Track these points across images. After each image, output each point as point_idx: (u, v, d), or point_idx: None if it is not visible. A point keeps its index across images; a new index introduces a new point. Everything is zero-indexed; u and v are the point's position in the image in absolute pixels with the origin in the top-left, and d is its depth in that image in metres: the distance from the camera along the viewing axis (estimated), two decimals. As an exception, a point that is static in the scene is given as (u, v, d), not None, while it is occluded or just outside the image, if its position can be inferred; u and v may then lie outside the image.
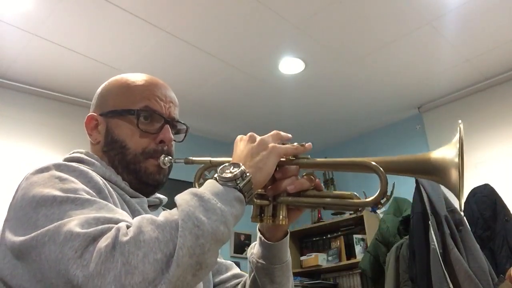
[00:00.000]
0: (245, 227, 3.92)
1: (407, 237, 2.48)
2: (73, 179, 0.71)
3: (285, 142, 0.81)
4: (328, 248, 3.96)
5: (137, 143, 0.89)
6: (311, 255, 3.90)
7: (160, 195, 0.98)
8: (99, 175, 0.82)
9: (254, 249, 0.92)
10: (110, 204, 0.69)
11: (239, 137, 0.82)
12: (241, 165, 0.71)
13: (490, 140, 3.38)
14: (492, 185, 2.56)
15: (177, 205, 0.63)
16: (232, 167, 0.71)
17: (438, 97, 3.71)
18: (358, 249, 3.64)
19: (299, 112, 3.91)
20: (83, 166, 0.79)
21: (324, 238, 4.02)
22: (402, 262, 2.44)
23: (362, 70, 3.29)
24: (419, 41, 2.94)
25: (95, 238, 0.57)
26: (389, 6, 2.62)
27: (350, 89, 3.56)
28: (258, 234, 0.90)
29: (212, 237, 0.60)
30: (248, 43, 2.95)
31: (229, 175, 0.69)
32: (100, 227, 0.59)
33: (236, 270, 1.02)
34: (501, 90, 3.44)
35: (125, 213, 0.68)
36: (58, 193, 0.66)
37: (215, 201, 0.64)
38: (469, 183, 2.53)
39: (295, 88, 3.50)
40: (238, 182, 0.69)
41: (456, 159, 0.67)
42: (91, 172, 0.77)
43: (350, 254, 3.74)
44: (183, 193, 0.67)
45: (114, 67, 3.05)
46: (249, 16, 2.67)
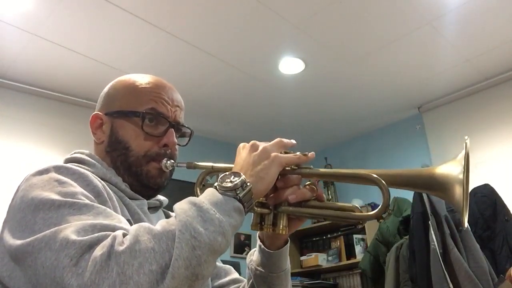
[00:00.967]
0: (245, 227, 3.89)
1: (407, 237, 2.48)
2: (72, 182, 0.71)
3: (288, 150, 0.80)
4: (328, 248, 3.96)
5: (140, 146, 0.89)
6: (311, 255, 3.90)
7: (160, 197, 0.98)
8: (100, 177, 0.82)
9: (253, 256, 0.92)
10: (109, 209, 0.69)
11: (242, 144, 0.80)
12: (241, 174, 0.71)
13: (490, 140, 3.38)
14: (492, 185, 2.56)
15: (175, 214, 0.63)
16: (232, 176, 0.70)
17: (438, 97, 3.71)
18: (358, 249, 3.64)
19: (299, 112, 3.91)
20: (83, 168, 0.79)
21: (324, 238, 4.03)
22: (402, 262, 2.44)
23: (362, 70, 3.29)
24: (419, 41, 2.94)
25: (91, 246, 0.57)
26: (389, 6, 2.62)
27: (350, 89, 3.56)
28: (258, 242, 0.90)
29: (209, 248, 0.60)
30: (248, 43, 2.95)
31: (229, 185, 0.69)
32: (96, 235, 0.59)
33: (235, 275, 1.02)
34: (501, 90, 3.43)
35: (123, 218, 0.68)
36: (56, 196, 0.66)
37: (214, 211, 0.64)
38: (469, 183, 2.53)
39: (295, 88, 3.50)
40: (238, 192, 0.68)
41: (460, 176, 0.66)
42: (91, 175, 0.76)
43: (350, 254, 3.74)
44: (182, 202, 0.66)
45: (114, 67, 3.05)
46: (249, 16, 2.67)
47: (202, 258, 0.59)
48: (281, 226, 0.80)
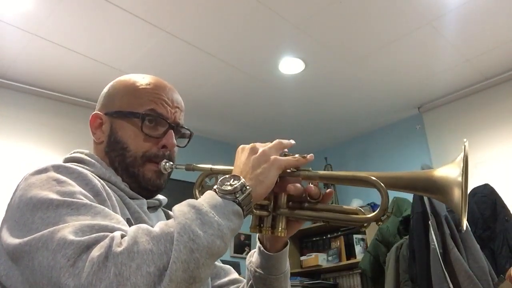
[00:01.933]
0: (245, 227, 3.90)
1: (407, 237, 2.48)
2: (70, 182, 0.71)
3: (287, 153, 0.79)
4: (328, 248, 3.96)
5: (139, 146, 0.88)
6: (311, 255, 3.90)
7: (160, 196, 0.98)
8: (99, 176, 0.82)
9: (253, 257, 0.92)
10: (107, 208, 0.69)
11: (241, 147, 0.80)
12: (241, 178, 0.71)
13: (490, 140, 3.38)
14: (492, 185, 2.56)
15: (174, 216, 0.63)
16: (232, 180, 0.70)
17: (438, 97, 3.71)
18: (358, 249, 3.64)
19: (299, 112, 3.91)
20: (82, 168, 0.79)
21: (324, 238, 4.03)
22: (402, 262, 2.44)
23: (362, 70, 3.29)
24: (419, 41, 2.94)
25: (89, 246, 0.57)
26: (389, 6, 2.62)
27: (350, 89, 3.56)
28: (258, 243, 0.90)
29: (207, 251, 0.60)
30: (248, 43, 2.95)
31: (228, 188, 0.69)
32: (94, 235, 0.58)
33: (234, 275, 1.02)
34: (501, 90, 3.43)
35: (121, 218, 0.68)
36: (55, 196, 0.66)
37: (213, 214, 0.64)
38: (469, 183, 2.53)
39: (295, 88, 3.50)
40: (237, 196, 0.68)
41: (459, 178, 0.66)
42: (90, 174, 0.76)
43: (350, 254, 3.74)
44: (181, 204, 0.66)
45: (114, 67, 3.05)
46: (249, 16, 2.67)
47: (200, 261, 0.59)
48: (280, 228, 0.80)
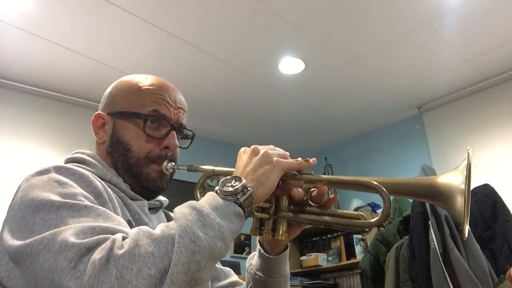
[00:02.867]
0: (245, 228, 3.90)
1: (407, 237, 2.48)
2: (72, 183, 0.71)
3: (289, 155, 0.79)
4: (328, 248, 3.96)
5: (141, 147, 0.88)
6: (311, 255, 3.90)
7: (161, 198, 0.98)
8: (100, 177, 0.82)
9: (253, 260, 0.92)
10: (108, 210, 0.69)
11: (243, 149, 0.80)
12: (242, 179, 0.71)
13: (490, 140, 3.38)
14: (492, 185, 2.56)
15: (175, 218, 0.62)
16: (233, 181, 0.70)
17: (438, 97, 3.71)
18: (358, 249, 3.64)
19: (299, 112, 3.91)
20: (84, 169, 0.79)
21: (324, 238, 4.02)
22: (402, 262, 2.44)
23: (362, 70, 3.29)
24: (419, 41, 2.94)
25: (90, 248, 0.57)
26: (389, 6, 2.62)
27: (350, 89, 3.56)
28: (258, 246, 0.90)
29: (208, 253, 0.60)
30: (248, 43, 2.94)
31: (230, 189, 0.69)
32: (95, 238, 0.58)
33: (234, 277, 1.02)
34: (501, 90, 3.43)
35: (122, 220, 0.68)
36: (56, 198, 0.66)
37: (214, 216, 0.63)
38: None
39: (295, 88, 3.50)
40: (238, 197, 0.68)
41: (462, 186, 0.66)
42: (91, 175, 0.76)
43: (350, 254, 3.74)
44: (183, 205, 0.66)
45: (114, 67, 3.05)
46: (249, 16, 2.67)
47: (201, 263, 0.59)
48: (280, 232, 0.79)
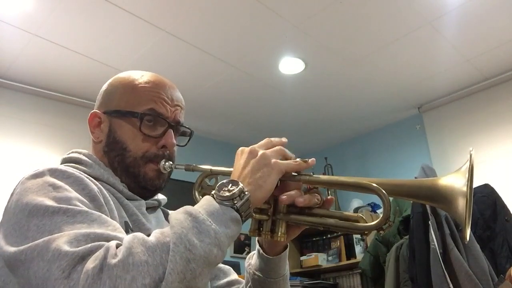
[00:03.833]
0: (245, 228, 3.91)
1: (407, 237, 2.48)
2: (66, 187, 0.70)
3: (287, 157, 0.77)
4: (328, 248, 3.95)
5: (138, 147, 0.87)
6: (311, 255, 3.90)
7: (160, 196, 0.97)
8: (96, 178, 0.81)
9: (252, 259, 0.91)
10: (104, 214, 0.68)
11: (240, 150, 0.78)
12: (239, 183, 0.69)
13: (490, 140, 3.38)
14: (492, 185, 2.56)
15: (170, 225, 0.61)
16: (230, 185, 0.69)
17: (438, 97, 3.71)
18: (358, 249, 3.64)
19: (299, 112, 3.91)
20: (80, 169, 0.78)
21: (324, 238, 4.02)
22: (402, 262, 2.44)
23: (362, 70, 3.29)
24: (419, 41, 2.94)
25: (84, 257, 0.56)
26: (389, 6, 2.62)
27: (350, 89, 3.56)
28: (257, 246, 0.89)
29: (204, 260, 0.59)
30: (248, 43, 2.94)
31: (226, 194, 0.67)
32: (89, 245, 0.58)
33: (233, 276, 1.01)
34: (501, 90, 3.43)
35: (118, 225, 0.67)
36: (50, 202, 0.65)
37: (210, 222, 0.62)
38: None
39: (295, 88, 3.50)
40: (235, 202, 0.67)
41: (464, 189, 0.65)
42: (86, 178, 0.75)
43: (350, 254, 3.74)
44: (178, 211, 0.65)
45: (114, 67, 3.04)
46: (249, 16, 2.67)
47: (197, 271, 0.58)
48: (279, 233, 0.78)
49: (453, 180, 0.68)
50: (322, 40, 2.93)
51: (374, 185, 0.71)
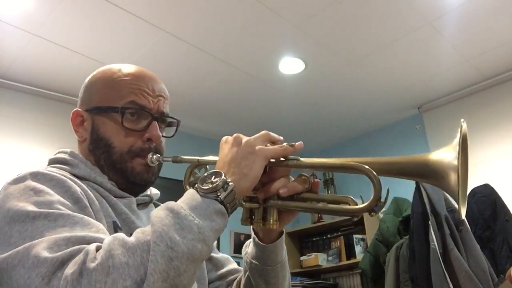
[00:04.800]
0: (245, 227, 3.91)
1: (407, 237, 2.48)
2: (48, 190, 0.69)
3: (274, 142, 0.75)
4: (328, 248, 3.95)
5: (123, 142, 0.85)
6: (311, 255, 3.90)
7: (152, 190, 0.95)
8: (83, 177, 0.80)
9: (248, 248, 0.89)
10: (87, 216, 0.67)
11: (224, 138, 0.76)
12: (222, 174, 0.67)
13: (490, 140, 3.38)
14: (492, 185, 2.56)
15: (151, 223, 0.60)
16: (213, 177, 0.67)
17: (438, 97, 3.71)
18: (358, 249, 3.64)
19: (299, 112, 3.91)
20: (62, 173, 0.76)
21: (324, 238, 4.02)
22: (402, 262, 2.44)
23: (362, 70, 3.29)
24: (419, 41, 2.94)
25: (63, 262, 0.56)
26: (389, 6, 2.62)
27: (350, 89, 3.56)
28: (252, 234, 0.87)
29: (188, 257, 0.58)
30: (248, 43, 2.94)
31: (209, 186, 0.65)
32: (69, 250, 0.57)
33: (232, 265, 1.00)
34: (501, 90, 3.43)
35: (101, 226, 0.66)
36: (31, 207, 0.64)
37: (193, 217, 0.61)
38: (469, 183, 2.53)
39: (295, 88, 3.50)
40: (219, 194, 0.65)
41: (455, 162, 0.61)
42: (69, 180, 0.74)
43: (350, 254, 3.74)
44: (160, 208, 0.63)
45: (114, 67, 3.05)
46: (249, 16, 2.67)
47: (181, 269, 0.57)
48: (271, 220, 0.77)
49: (444, 154, 0.64)
50: (322, 40, 2.93)
51: (362, 165, 0.68)
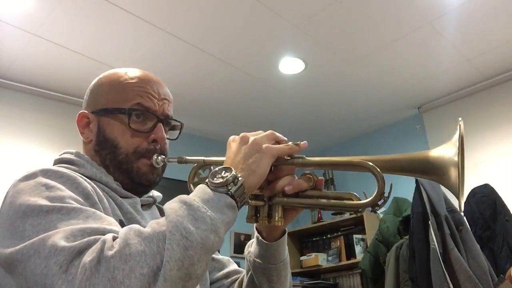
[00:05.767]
0: (245, 227, 3.91)
1: (407, 237, 2.48)
2: (59, 186, 0.70)
3: (279, 142, 0.78)
4: (328, 248, 3.96)
5: (128, 143, 0.87)
6: (311, 255, 3.90)
7: (155, 193, 0.97)
8: (89, 177, 0.81)
9: (251, 247, 0.91)
10: (98, 211, 0.68)
11: (232, 137, 0.78)
12: (232, 169, 0.69)
13: (490, 140, 3.38)
14: (492, 185, 2.56)
15: (165, 214, 0.62)
16: (223, 172, 0.69)
17: (438, 97, 3.71)
18: (358, 249, 3.64)
19: (299, 112, 3.91)
20: (72, 170, 0.77)
21: (324, 238, 4.02)
22: (402, 262, 2.44)
23: (362, 70, 3.29)
24: (419, 41, 2.94)
25: (81, 251, 0.56)
26: (389, 6, 2.62)
27: (350, 89, 3.56)
28: (255, 233, 0.89)
29: (201, 247, 0.59)
30: (248, 43, 2.94)
31: (220, 180, 0.67)
32: (86, 239, 0.58)
33: (233, 266, 1.01)
34: (501, 90, 3.43)
35: (113, 220, 0.67)
36: (44, 202, 0.65)
37: (205, 209, 0.63)
38: (469, 183, 2.53)
39: (295, 88, 3.50)
40: (229, 188, 0.67)
41: (455, 158, 0.65)
42: (79, 177, 0.75)
43: (350, 254, 3.74)
44: (172, 200, 0.65)
45: (114, 67, 3.04)
46: (249, 16, 2.67)
47: (194, 258, 0.58)
48: (276, 217, 0.79)
49: (444, 151, 0.68)
50: (322, 40, 2.93)
51: (367, 162, 0.72)
